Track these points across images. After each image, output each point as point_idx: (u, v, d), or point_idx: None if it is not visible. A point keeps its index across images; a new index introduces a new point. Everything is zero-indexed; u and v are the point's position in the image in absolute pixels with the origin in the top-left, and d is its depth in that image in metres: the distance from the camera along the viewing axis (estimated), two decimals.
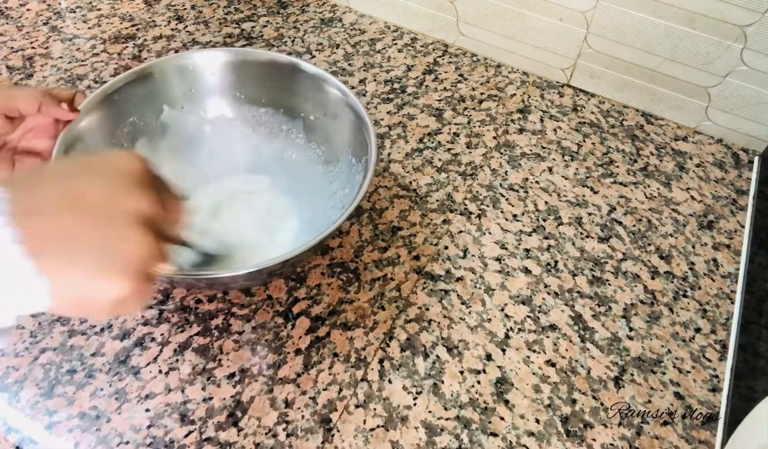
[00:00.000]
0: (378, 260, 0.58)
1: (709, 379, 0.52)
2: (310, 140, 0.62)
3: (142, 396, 0.47)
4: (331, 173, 0.60)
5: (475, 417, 0.48)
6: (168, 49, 0.81)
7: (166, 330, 0.51)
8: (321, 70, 0.58)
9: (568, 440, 0.47)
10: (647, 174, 0.69)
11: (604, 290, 0.57)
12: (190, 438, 0.45)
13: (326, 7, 0.91)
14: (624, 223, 0.64)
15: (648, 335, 0.54)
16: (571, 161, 0.70)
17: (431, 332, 0.53)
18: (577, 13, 0.73)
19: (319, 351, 0.51)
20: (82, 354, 0.49)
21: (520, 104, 0.77)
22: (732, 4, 0.63)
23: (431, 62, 0.82)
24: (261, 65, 0.60)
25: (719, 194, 0.68)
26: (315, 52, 0.82)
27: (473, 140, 0.71)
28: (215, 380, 0.49)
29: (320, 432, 0.46)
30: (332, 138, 0.60)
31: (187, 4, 0.90)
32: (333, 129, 0.59)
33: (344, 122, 0.57)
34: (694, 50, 0.69)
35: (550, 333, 0.54)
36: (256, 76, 0.61)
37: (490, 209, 0.64)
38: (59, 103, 0.47)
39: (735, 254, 0.62)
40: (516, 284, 0.57)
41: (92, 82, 0.75)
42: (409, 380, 0.50)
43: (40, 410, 0.46)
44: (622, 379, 0.51)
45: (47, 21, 0.85)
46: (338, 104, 0.57)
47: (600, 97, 0.79)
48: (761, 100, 0.69)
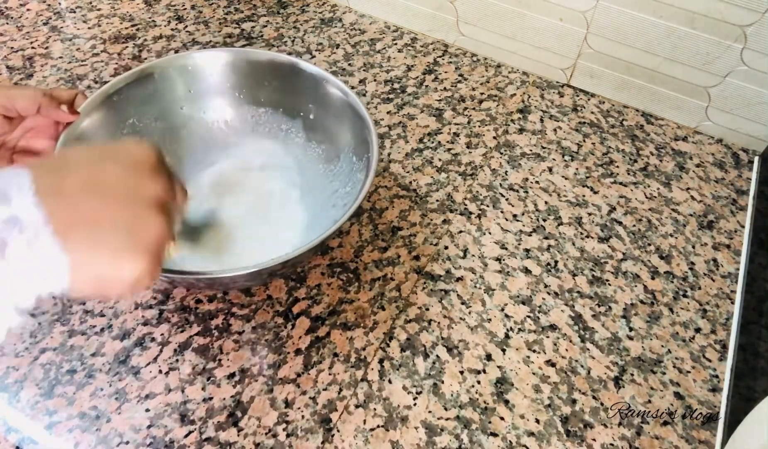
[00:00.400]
0: (378, 260, 0.58)
1: (709, 379, 0.52)
2: (310, 139, 0.62)
3: (142, 396, 0.47)
4: (332, 171, 0.60)
5: (475, 417, 0.48)
6: (168, 49, 0.81)
7: (166, 330, 0.51)
8: (321, 69, 0.58)
9: (568, 440, 0.47)
10: (647, 174, 0.69)
11: (604, 290, 0.57)
12: (190, 438, 0.45)
13: (326, 7, 0.91)
14: (624, 223, 0.64)
15: (648, 335, 0.54)
16: (571, 161, 0.70)
17: (431, 332, 0.53)
18: (577, 13, 0.73)
19: (319, 351, 0.51)
20: (82, 354, 0.49)
21: (520, 104, 0.77)
22: (732, 4, 0.63)
23: (431, 62, 0.82)
24: (261, 65, 0.60)
25: (719, 194, 0.68)
26: (315, 52, 0.82)
27: (473, 140, 0.71)
28: (215, 380, 0.49)
29: (320, 432, 0.46)
30: (333, 137, 0.60)
31: (187, 4, 0.90)
32: (333, 128, 0.60)
33: (345, 121, 0.57)
34: (694, 50, 0.69)
35: (550, 333, 0.54)
36: (256, 76, 0.61)
37: (490, 209, 0.64)
38: (59, 105, 0.47)
39: (735, 254, 0.62)
40: (516, 284, 0.57)
41: (92, 82, 0.75)
42: (409, 380, 0.50)
43: (40, 410, 0.46)
44: (622, 379, 0.51)
45: (47, 21, 0.85)
46: (339, 103, 0.57)
47: (600, 97, 0.79)
48: (761, 100, 0.69)
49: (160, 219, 0.30)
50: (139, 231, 0.29)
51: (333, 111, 0.59)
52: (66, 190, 0.27)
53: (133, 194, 0.29)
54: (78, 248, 0.27)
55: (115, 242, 0.28)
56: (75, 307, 0.52)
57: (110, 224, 0.28)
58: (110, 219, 0.28)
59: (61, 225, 0.26)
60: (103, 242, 0.28)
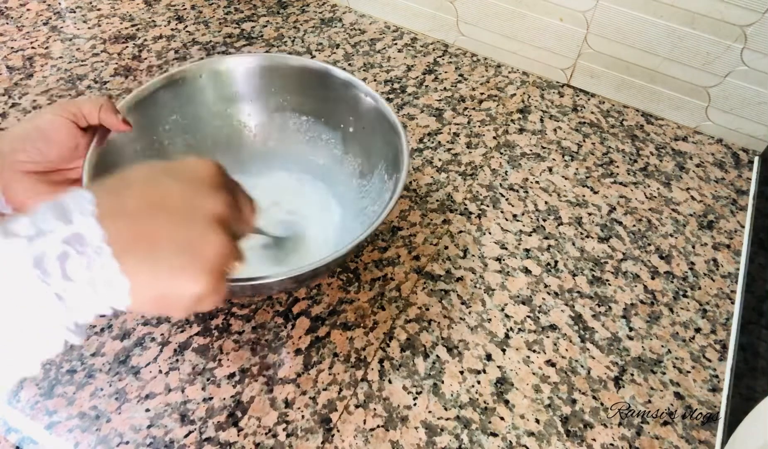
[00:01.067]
0: (378, 260, 0.58)
1: (709, 379, 0.52)
2: (348, 151, 0.60)
3: (142, 396, 0.47)
4: (364, 187, 0.58)
5: (475, 417, 0.48)
6: (168, 49, 0.81)
7: (166, 330, 0.51)
8: (372, 90, 0.55)
9: (568, 440, 0.47)
10: (647, 174, 0.69)
11: (604, 290, 0.57)
12: (190, 438, 0.45)
13: (326, 7, 0.91)
14: (624, 223, 0.64)
15: (648, 335, 0.54)
16: (571, 161, 0.70)
17: (431, 332, 0.53)
18: (577, 13, 0.73)
19: (319, 351, 0.51)
20: (82, 354, 0.49)
21: (520, 104, 0.77)
22: (732, 4, 0.63)
23: (431, 62, 0.82)
24: (305, 73, 0.58)
25: (719, 194, 0.68)
26: (315, 52, 0.82)
27: (473, 140, 0.71)
28: (215, 380, 0.49)
29: (320, 432, 0.46)
30: (368, 153, 0.58)
31: (187, 4, 0.90)
32: (370, 144, 0.57)
33: (380, 138, 0.55)
34: (694, 50, 0.69)
35: (550, 333, 0.54)
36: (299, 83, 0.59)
37: (490, 209, 0.64)
38: (116, 112, 0.46)
39: (735, 254, 0.62)
40: (516, 284, 0.57)
41: (92, 82, 0.75)
42: (409, 380, 0.50)
43: (40, 410, 0.46)
44: (622, 379, 0.51)
45: (47, 21, 0.85)
46: (378, 121, 0.55)
47: (600, 97, 0.79)
48: (761, 100, 0.69)
49: (221, 236, 0.29)
50: (199, 249, 0.28)
51: (371, 127, 0.56)
52: (126, 210, 0.28)
53: (191, 212, 0.29)
54: (138, 269, 0.27)
55: (175, 261, 0.28)
56: None
57: (169, 243, 0.28)
58: (169, 238, 0.28)
59: (122, 245, 0.26)
60: (163, 261, 0.28)
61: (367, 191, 0.57)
